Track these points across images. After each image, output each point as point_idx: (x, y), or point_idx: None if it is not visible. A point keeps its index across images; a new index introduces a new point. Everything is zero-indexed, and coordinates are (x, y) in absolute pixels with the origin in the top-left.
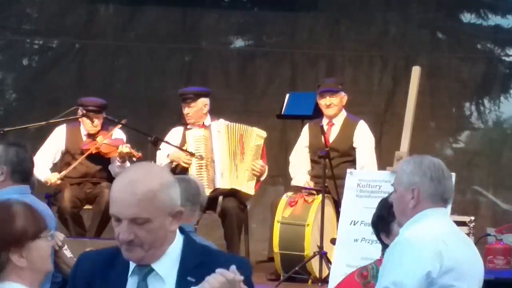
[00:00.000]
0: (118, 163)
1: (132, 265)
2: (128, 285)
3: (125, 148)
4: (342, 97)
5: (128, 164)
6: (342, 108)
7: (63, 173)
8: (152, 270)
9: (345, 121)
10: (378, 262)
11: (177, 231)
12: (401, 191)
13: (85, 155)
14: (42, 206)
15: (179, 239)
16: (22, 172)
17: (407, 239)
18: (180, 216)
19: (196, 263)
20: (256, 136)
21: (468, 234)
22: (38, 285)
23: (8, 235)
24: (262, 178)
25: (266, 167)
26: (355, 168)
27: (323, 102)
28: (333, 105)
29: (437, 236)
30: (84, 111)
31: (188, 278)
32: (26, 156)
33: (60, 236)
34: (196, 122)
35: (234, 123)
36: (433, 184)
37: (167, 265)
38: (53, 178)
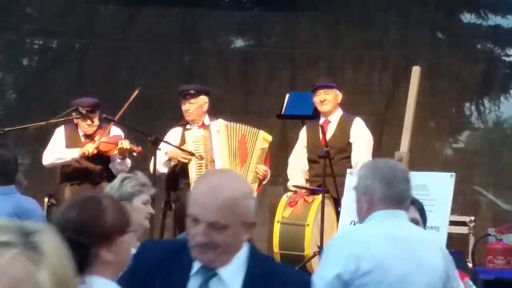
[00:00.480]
0: (119, 160)
1: (196, 265)
2: (189, 285)
3: (125, 144)
4: (336, 94)
5: (128, 160)
6: (337, 106)
7: (97, 143)
8: (215, 274)
9: (341, 119)
10: None
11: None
12: (357, 195)
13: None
14: (30, 205)
15: (244, 248)
16: (5, 173)
17: (330, 241)
18: (253, 227)
19: (260, 272)
20: (262, 139)
21: (468, 234)
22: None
23: (98, 230)
24: (264, 182)
25: (269, 172)
26: (351, 164)
27: (317, 98)
28: (327, 101)
29: (361, 239)
30: (84, 111)
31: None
32: (10, 156)
33: None
34: (195, 120)
35: (234, 123)
36: (384, 187)
37: (232, 272)
38: (90, 148)
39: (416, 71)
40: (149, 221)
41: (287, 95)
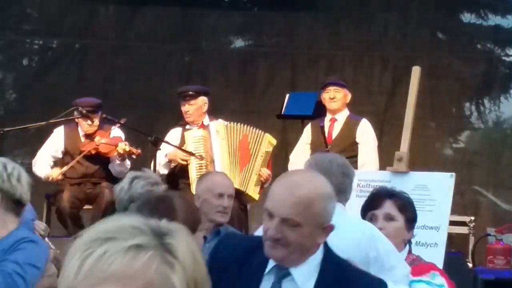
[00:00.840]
0: (118, 162)
1: (270, 264)
2: (263, 282)
3: (124, 146)
4: (346, 94)
5: (128, 162)
6: (345, 105)
7: (65, 168)
8: (289, 274)
9: (348, 119)
10: None
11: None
12: None
13: (82, 154)
14: None
15: (320, 250)
16: None
17: None
18: (330, 231)
19: (334, 277)
20: (268, 142)
21: (468, 234)
22: None
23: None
24: (266, 185)
25: (271, 176)
26: (357, 163)
27: (327, 95)
28: (337, 99)
29: None
30: (84, 111)
31: None
32: None
33: (42, 225)
34: (195, 120)
35: (234, 123)
36: None
37: (305, 274)
38: (55, 173)
39: (416, 71)
40: None
41: (287, 95)
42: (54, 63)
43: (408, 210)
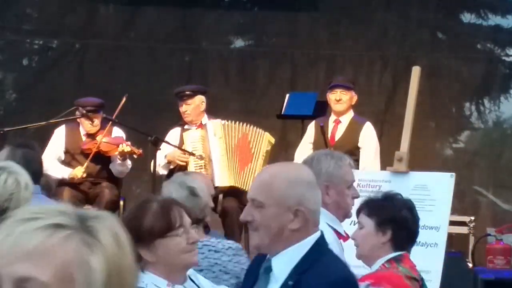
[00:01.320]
0: (119, 161)
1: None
2: (260, 274)
3: (126, 147)
4: (352, 96)
5: (129, 162)
6: (351, 107)
7: (86, 164)
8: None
9: (352, 120)
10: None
11: (315, 235)
12: None
13: (90, 157)
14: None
15: (308, 242)
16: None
17: None
18: (303, 217)
19: (305, 269)
20: (268, 142)
21: (468, 234)
22: (179, 276)
23: (135, 232)
24: None
25: None
26: (358, 168)
27: (333, 96)
28: (343, 101)
29: None
30: (84, 111)
31: (289, 282)
32: (34, 156)
33: None
34: (194, 120)
35: (233, 122)
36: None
37: (283, 265)
38: (79, 172)
39: (416, 71)
40: None
41: (287, 95)
42: (54, 63)
43: (376, 214)
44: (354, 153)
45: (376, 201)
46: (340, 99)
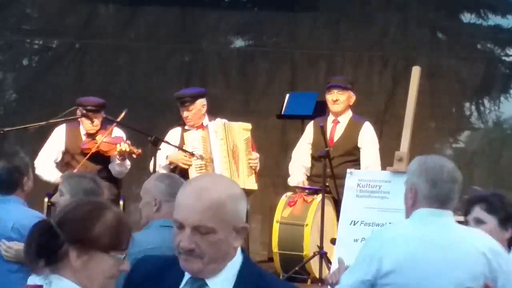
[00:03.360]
0: (118, 161)
1: (186, 276)
2: None
3: (125, 146)
4: (349, 96)
5: (128, 162)
6: (349, 107)
7: (77, 167)
8: (205, 285)
9: (351, 120)
10: None
11: (239, 249)
12: (405, 189)
13: (88, 155)
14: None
15: (238, 258)
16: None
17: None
18: (244, 233)
19: (246, 283)
20: (242, 130)
21: None
22: None
23: (81, 232)
24: (257, 169)
25: (258, 156)
26: (358, 168)
27: (330, 97)
28: (340, 102)
29: (387, 239)
30: (84, 111)
31: None
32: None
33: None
34: (195, 123)
35: (231, 123)
36: (428, 185)
37: (222, 283)
38: None
39: (416, 71)
40: None
41: (287, 95)
42: (54, 63)
43: (496, 211)
44: (353, 153)
45: (494, 197)
46: (337, 100)
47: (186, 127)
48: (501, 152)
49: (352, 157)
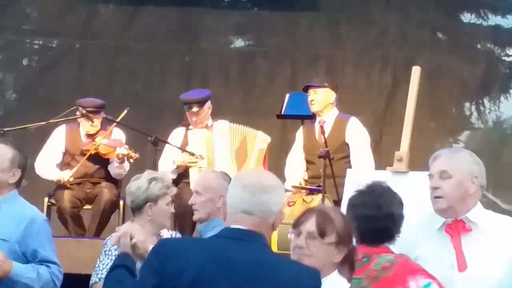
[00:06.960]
0: (117, 164)
1: None
2: None
3: (123, 150)
4: (327, 93)
5: (127, 164)
6: (331, 105)
7: (74, 169)
8: None
9: (337, 118)
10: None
11: None
12: (461, 178)
13: (86, 156)
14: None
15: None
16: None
17: None
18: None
19: None
20: (260, 140)
21: None
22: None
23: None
24: None
25: None
26: (349, 164)
27: (308, 99)
28: (315, 102)
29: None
30: (84, 111)
31: None
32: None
33: None
34: (201, 125)
35: (238, 125)
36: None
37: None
38: (66, 176)
39: (416, 71)
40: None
41: (287, 95)
42: (54, 63)
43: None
44: (343, 149)
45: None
46: (312, 100)
47: (190, 127)
48: (501, 152)
49: (343, 154)
